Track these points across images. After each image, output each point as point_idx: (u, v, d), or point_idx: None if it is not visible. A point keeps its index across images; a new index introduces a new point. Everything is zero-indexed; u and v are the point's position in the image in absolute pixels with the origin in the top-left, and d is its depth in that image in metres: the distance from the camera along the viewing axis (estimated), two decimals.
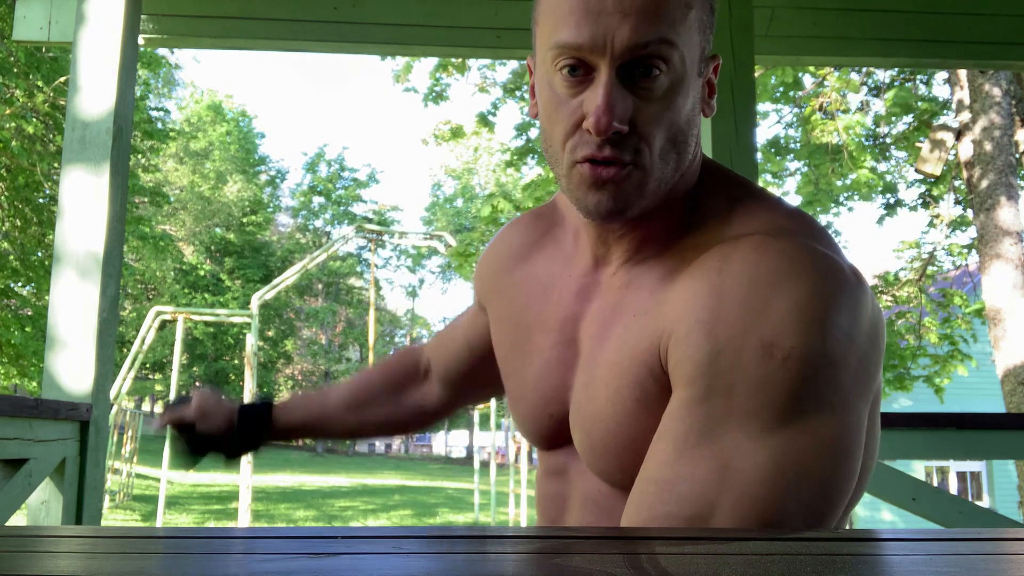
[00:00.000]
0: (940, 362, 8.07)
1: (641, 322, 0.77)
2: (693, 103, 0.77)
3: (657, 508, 0.69)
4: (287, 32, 2.77)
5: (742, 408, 0.68)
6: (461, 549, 0.55)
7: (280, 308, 29.88)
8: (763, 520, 0.65)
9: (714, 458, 0.67)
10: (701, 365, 0.69)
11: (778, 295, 0.69)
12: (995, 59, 3.02)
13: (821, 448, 0.67)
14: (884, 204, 8.87)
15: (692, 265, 0.76)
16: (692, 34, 0.74)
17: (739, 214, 0.79)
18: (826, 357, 0.68)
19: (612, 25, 0.70)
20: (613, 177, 0.74)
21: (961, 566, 0.47)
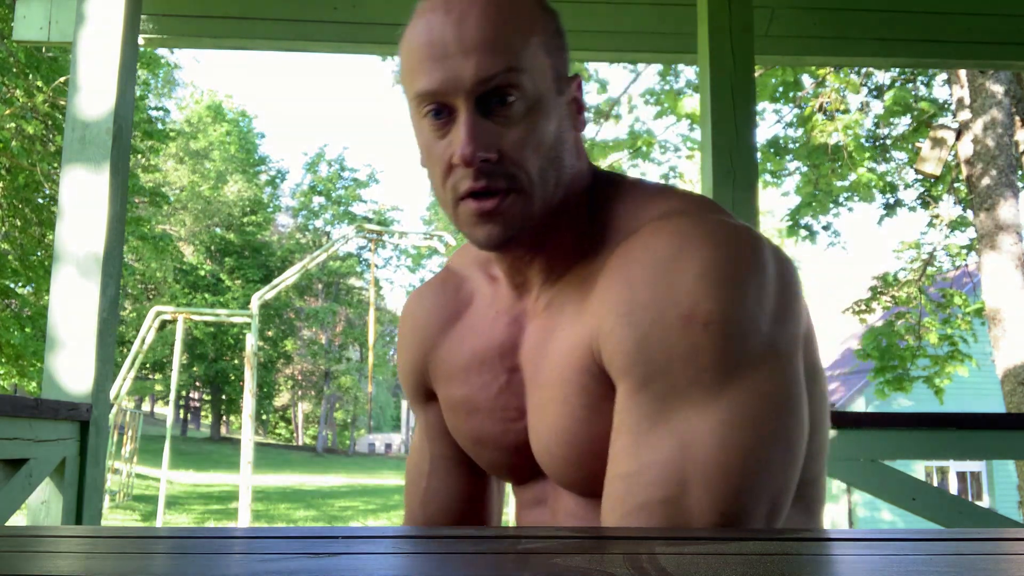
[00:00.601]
0: (940, 363, 8.06)
1: (571, 333, 0.80)
2: (558, 121, 0.81)
3: (630, 501, 0.71)
4: (287, 32, 2.77)
5: (682, 382, 0.70)
6: (461, 549, 0.55)
7: (280, 308, 29.88)
8: (734, 482, 0.68)
9: (671, 437, 0.70)
10: (631, 354, 0.72)
11: (682, 268, 0.72)
12: (995, 59, 3.02)
13: (767, 400, 0.70)
14: (884, 204, 8.87)
15: (606, 268, 0.78)
16: (538, 58, 0.79)
17: (633, 211, 0.82)
18: (744, 313, 0.71)
19: (459, 65, 0.75)
20: (496, 207, 0.77)
21: (961, 566, 0.47)
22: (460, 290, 0.96)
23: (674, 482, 0.69)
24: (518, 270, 0.87)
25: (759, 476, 0.69)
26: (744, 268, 0.72)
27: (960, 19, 2.85)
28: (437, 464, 1.02)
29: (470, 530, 0.76)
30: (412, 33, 0.80)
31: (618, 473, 0.72)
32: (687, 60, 3.83)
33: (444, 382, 0.95)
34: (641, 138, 8.49)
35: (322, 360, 35.16)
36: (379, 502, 16.49)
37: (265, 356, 29.56)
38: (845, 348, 14.23)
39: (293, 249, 32.66)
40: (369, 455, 39.92)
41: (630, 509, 0.70)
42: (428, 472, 1.02)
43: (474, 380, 0.90)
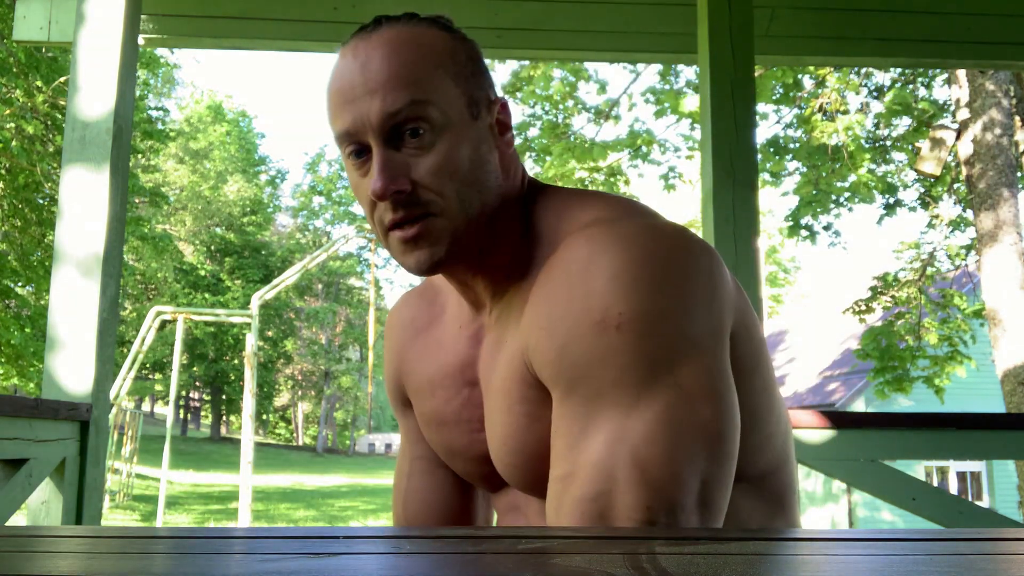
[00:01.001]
0: (939, 363, 8.06)
1: (511, 345, 0.83)
2: (475, 145, 0.83)
3: (565, 500, 0.73)
4: (287, 32, 2.77)
5: (604, 386, 0.72)
6: (461, 549, 0.55)
7: (280, 308, 29.87)
8: (659, 475, 0.70)
9: (599, 437, 0.72)
10: (555, 364, 0.75)
11: (594, 275, 0.74)
12: (995, 59, 3.02)
13: (687, 394, 0.72)
14: (884, 204, 8.87)
15: (535, 285, 0.81)
16: (446, 88, 0.82)
17: (557, 223, 0.85)
18: (657, 311, 0.72)
19: (365, 105, 0.80)
20: (418, 233, 0.81)
21: (961, 566, 0.47)
22: (434, 303, 1.00)
23: (603, 478, 0.71)
24: (466, 289, 0.90)
25: (683, 469, 0.70)
26: (656, 268, 0.74)
27: (960, 19, 2.85)
28: (416, 466, 1.05)
29: (470, 530, 0.76)
30: (329, 81, 0.84)
31: (555, 476, 0.75)
32: (687, 60, 3.82)
33: (415, 395, 0.99)
34: (641, 138, 8.49)
35: (322, 360, 35.16)
36: (379, 502, 16.49)
37: (265, 356, 29.56)
38: (845, 348, 14.23)
39: (293, 249, 32.66)
40: (369, 455, 39.93)
41: (565, 507, 0.73)
42: (408, 473, 1.05)
43: (439, 394, 0.94)
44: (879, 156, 8.61)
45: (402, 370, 1.01)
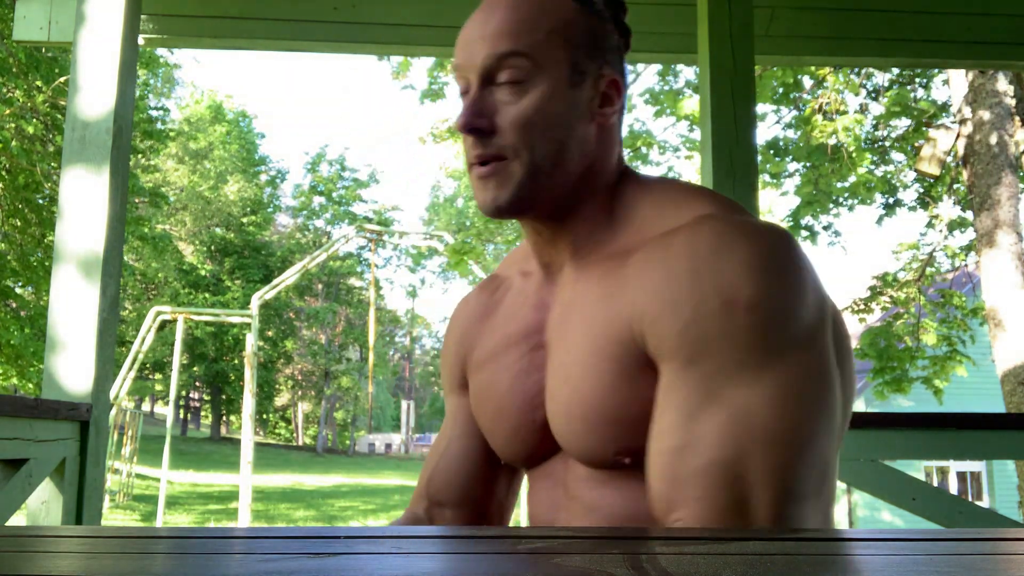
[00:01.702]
0: (938, 363, 8.05)
1: (603, 307, 0.86)
2: (567, 111, 0.89)
3: (684, 468, 0.75)
4: (287, 32, 2.77)
5: (729, 362, 0.76)
6: (461, 549, 0.55)
7: (280, 308, 29.87)
8: (789, 451, 0.74)
9: (723, 411, 0.75)
10: (678, 337, 0.78)
11: (723, 260, 0.79)
12: (995, 59, 3.02)
13: (809, 378, 0.77)
14: (883, 204, 8.86)
15: (639, 256, 0.85)
16: (554, 50, 0.88)
17: (670, 208, 0.89)
18: (783, 300, 0.78)
19: (476, 47, 0.88)
20: (490, 173, 0.87)
21: (961, 566, 0.47)
22: (497, 290, 1.05)
23: (731, 447, 0.74)
24: (544, 251, 0.95)
25: (810, 446, 0.75)
26: (779, 261, 0.79)
27: (960, 19, 2.85)
28: (454, 444, 1.06)
29: (470, 530, 0.76)
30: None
31: (668, 447, 0.77)
32: (687, 60, 3.83)
33: (476, 369, 1.01)
34: (641, 138, 8.49)
35: (322, 360, 35.15)
36: (379, 502, 16.49)
37: (265, 356, 29.54)
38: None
39: (293, 249, 32.64)
40: (369, 455, 39.92)
41: (684, 475, 0.75)
42: (443, 450, 1.07)
43: (501, 360, 0.97)
44: (879, 156, 8.60)
45: (466, 348, 1.05)
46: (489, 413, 0.98)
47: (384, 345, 36.49)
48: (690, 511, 0.74)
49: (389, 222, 34.54)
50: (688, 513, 0.75)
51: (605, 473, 0.87)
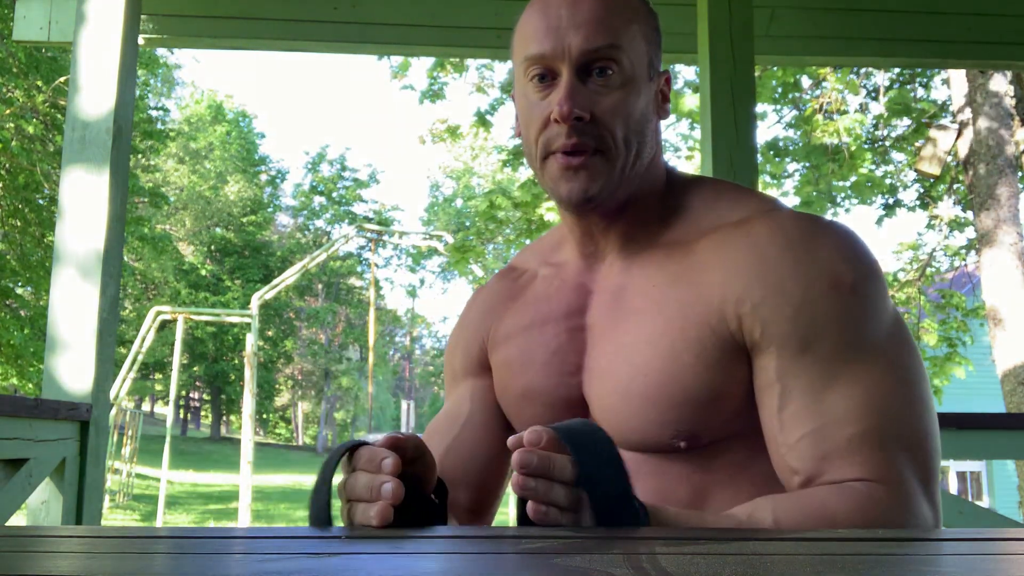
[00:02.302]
0: (938, 364, 8.05)
1: (676, 290, 0.86)
2: (646, 103, 0.90)
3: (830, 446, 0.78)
4: (287, 32, 2.77)
5: (843, 343, 0.79)
6: (461, 549, 0.55)
7: (280, 308, 29.86)
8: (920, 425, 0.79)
9: (854, 387, 0.78)
10: (788, 322, 0.80)
11: (816, 246, 0.82)
12: (995, 59, 3.02)
13: (911, 352, 0.82)
14: (883, 205, 8.86)
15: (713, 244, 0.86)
16: (638, 43, 0.89)
17: (726, 202, 0.91)
18: (876, 283, 0.82)
19: (568, 36, 0.86)
20: (582, 163, 0.86)
21: (961, 566, 0.47)
22: (520, 278, 1.04)
23: (875, 416, 0.77)
24: (591, 238, 0.94)
25: (933, 413, 0.81)
26: (863, 250, 0.84)
27: (960, 19, 2.85)
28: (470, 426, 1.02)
29: (470, 530, 0.75)
30: (531, 9, 0.91)
31: (807, 431, 0.79)
32: (687, 60, 3.82)
33: (502, 345, 1.00)
34: None
35: (322, 360, 35.13)
36: None
37: (265, 356, 29.53)
38: None
39: (293, 249, 32.63)
40: None
41: (838, 450, 0.77)
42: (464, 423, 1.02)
43: (535, 336, 0.96)
44: (879, 156, 8.60)
45: (487, 326, 1.02)
46: (519, 389, 0.97)
47: (384, 345, 36.49)
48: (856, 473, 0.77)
49: (389, 222, 34.53)
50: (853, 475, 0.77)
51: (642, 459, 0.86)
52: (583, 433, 0.70)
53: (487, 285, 1.08)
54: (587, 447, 0.69)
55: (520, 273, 1.05)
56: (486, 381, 1.03)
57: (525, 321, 0.98)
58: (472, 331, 1.05)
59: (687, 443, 0.83)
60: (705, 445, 0.83)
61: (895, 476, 0.76)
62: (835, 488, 0.77)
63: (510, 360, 0.98)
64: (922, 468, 0.78)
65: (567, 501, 0.68)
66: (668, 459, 0.85)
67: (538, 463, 0.67)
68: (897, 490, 0.76)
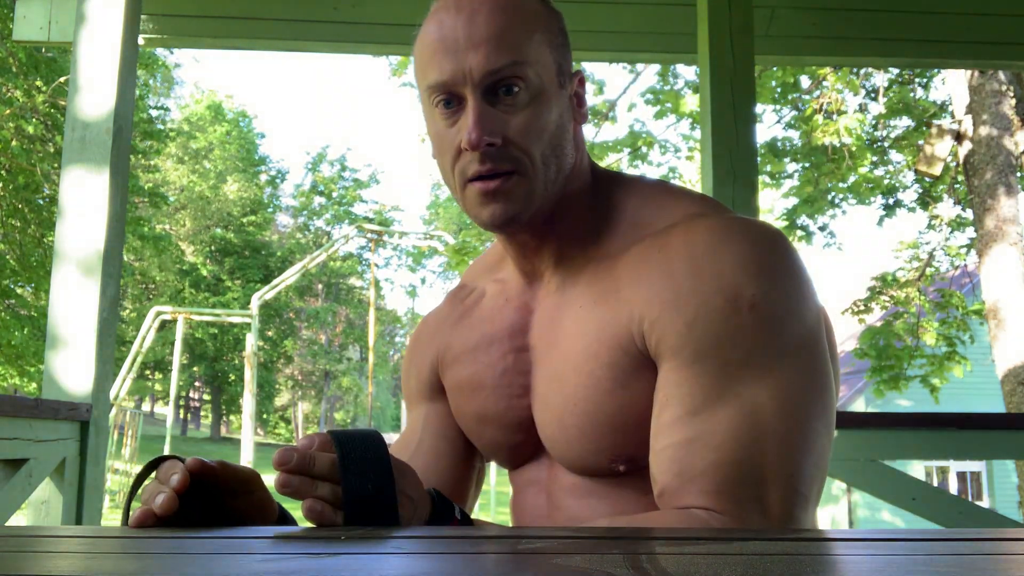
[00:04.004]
0: (936, 363, 8.05)
1: (596, 311, 0.84)
2: (559, 113, 0.86)
3: (694, 463, 0.75)
4: (287, 32, 2.77)
5: (733, 360, 0.76)
6: (461, 549, 0.55)
7: (280, 308, 29.84)
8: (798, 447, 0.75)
9: (733, 408, 0.75)
10: (681, 336, 0.77)
11: (722, 258, 0.78)
12: (995, 59, 3.02)
13: (812, 376, 0.78)
14: (883, 205, 8.86)
15: (632, 257, 0.84)
16: (542, 53, 0.85)
17: (652, 208, 0.88)
18: (784, 300, 0.78)
19: (467, 58, 0.82)
20: (499, 187, 0.83)
21: (961, 566, 0.47)
22: (467, 298, 1.02)
23: (744, 445, 0.74)
24: (527, 257, 0.92)
25: (815, 447, 0.76)
26: (777, 260, 0.80)
27: (960, 19, 2.85)
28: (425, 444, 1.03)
29: (470, 530, 0.75)
30: (426, 30, 0.87)
31: (675, 441, 0.76)
32: (687, 60, 3.83)
33: (452, 366, 0.99)
34: (641, 138, 8.48)
35: (322, 360, 35.12)
36: None
37: (265, 356, 29.52)
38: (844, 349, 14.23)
39: (293, 249, 32.62)
40: None
41: (700, 469, 0.75)
42: (416, 446, 1.03)
43: (481, 359, 0.95)
44: (878, 156, 8.60)
45: (437, 348, 1.02)
46: (473, 413, 0.96)
47: (384, 345, 36.48)
48: (702, 501, 0.74)
49: (389, 222, 34.54)
50: (700, 502, 0.74)
51: (592, 483, 0.86)
52: (354, 436, 0.71)
53: (437, 307, 1.07)
54: (355, 448, 0.70)
55: (468, 292, 1.03)
56: (440, 405, 1.03)
57: (472, 342, 0.96)
58: (423, 353, 1.04)
59: (626, 465, 0.83)
60: (645, 466, 0.81)
61: (740, 511, 0.74)
62: (677, 514, 0.75)
63: (461, 383, 0.97)
64: (779, 505, 0.74)
65: (330, 497, 0.68)
66: (615, 482, 0.84)
67: (297, 461, 0.68)
68: (735, 523, 0.74)
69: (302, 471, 0.68)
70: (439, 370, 1.02)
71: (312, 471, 0.68)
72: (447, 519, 0.80)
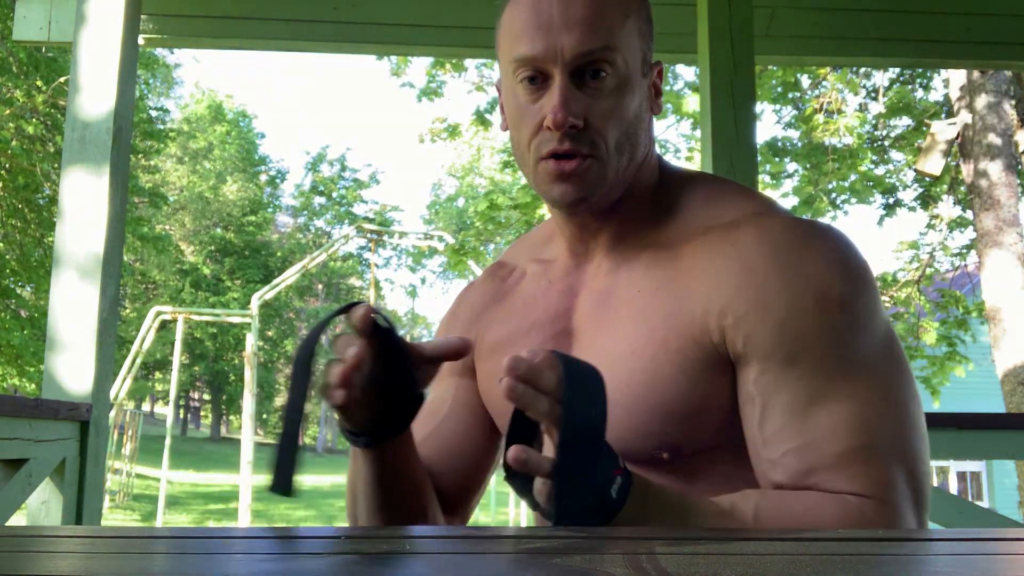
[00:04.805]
0: (937, 363, 8.05)
1: (660, 298, 0.84)
2: (640, 102, 0.87)
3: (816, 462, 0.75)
4: (287, 32, 2.77)
5: (830, 359, 0.77)
6: (461, 549, 0.55)
7: (280, 308, 29.86)
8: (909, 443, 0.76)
9: (840, 404, 0.76)
10: (773, 336, 0.78)
11: (806, 256, 0.79)
12: (995, 59, 3.02)
13: (901, 365, 0.80)
14: (884, 205, 8.86)
15: (699, 249, 0.83)
16: (632, 40, 0.86)
17: (715, 202, 0.88)
18: (867, 296, 0.79)
19: (561, 37, 0.81)
20: (575, 169, 0.83)
21: (961, 566, 0.47)
22: (508, 277, 1.01)
23: (862, 433, 0.75)
24: (581, 239, 0.92)
25: (922, 432, 0.78)
26: (858, 260, 0.81)
27: (960, 19, 2.85)
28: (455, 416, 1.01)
29: (470, 530, 0.76)
30: (516, 3, 0.86)
31: (788, 448, 0.76)
32: (687, 60, 3.83)
33: (489, 355, 0.98)
34: None
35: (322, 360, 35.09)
36: None
37: (265, 356, 29.53)
38: None
39: (293, 249, 32.63)
40: None
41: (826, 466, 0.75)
42: (444, 416, 1.01)
43: (521, 343, 0.93)
44: (878, 156, 8.60)
45: (476, 333, 1.00)
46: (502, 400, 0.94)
47: None
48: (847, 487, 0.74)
49: (389, 222, 34.53)
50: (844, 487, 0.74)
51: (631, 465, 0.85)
52: (578, 363, 0.71)
53: (476, 283, 1.06)
54: (577, 376, 0.70)
55: (509, 271, 1.02)
56: (470, 382, 1.02)
57: (511, 328, 0.95)
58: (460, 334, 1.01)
59: (669, 454, 0.82)
60: (688, 456, 0.82)
61: (887, 493, 0.74)
62: (825, 496, 0.75)
63: (496, 372, 0.95)
64: (913, 488, 0.75)
65: (547, 410, 0.68)
66: (651, 469, 0.83)
67: (526, 369, 0.68)
68: (888, 508, 0.74)
69: (528, 380, 0.68)
70: (474, 356, 1.00)
71: (539, 383, 0.68)
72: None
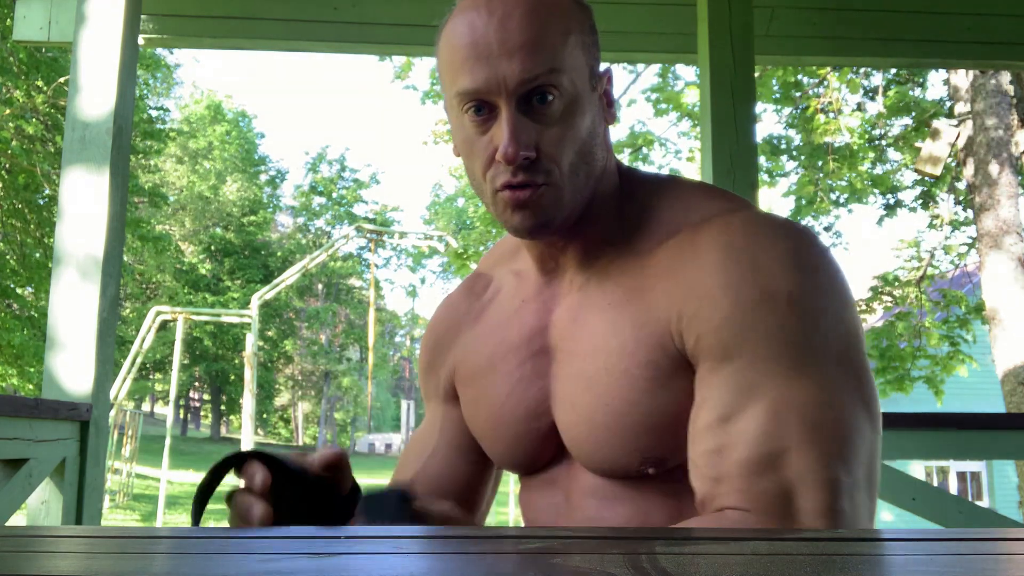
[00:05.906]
0: (940, 363, 8.05)
1: (629, 310, 0.82)
2: (592, 117, 0.84)
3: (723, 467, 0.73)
4: (287, 32, 2.77)
5: (765, 356, 0.74)
6: (461, 549, 0.55)
7: (280, 308, 29.87)
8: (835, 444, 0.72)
9: (761, 407, 0.73)
10: (716, 332, 0.75)
11: (759, 252, 0.76)
12: (995, 59, 3.02)
13: (851, 370, 0.75)
14: (884, 205, 8.86)
15: (665, 255, 0.82)
16: (576, 57, 0.82)
17: (682, 206, 0.86)
18: (823, 292, 0.76)
19: (502, 65, 0.78)
20: (530, 198, 0.80)
21: (961, 566, 0.47)
22: (484, 292, 1.00)
23: (770, 442, 0.71)
24: (550, 256, 0.90)
25: (855, 440, 0.72)
26: (816, 256, 0.78)
27: (960, 19, 2.85)
28: (439, 454, 1.01)
29: (470, 530, 0.76)
30: (454, 31, 0.82)
31: (708, 449, 0.75)
32: (687, 60, 3.83)
33: (469, 378, 0.96)
34: (641, 138, 8.49)
35: (322, 360, 35.14)
36: None
37: (265, 356, 29.54)
38: None
39: (293, 249, 32.64)
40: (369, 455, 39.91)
41: (727, 472, 0.73)
42: (431, 454, 1.01)
43: (501, 368, 0.92)
44: (878, 155, 8.60)
45: (455, 357, 0.99)
46: (486, 421, 0.94)
47: (384, 345, 36.51)
48: (733, 501, 0.72)
49: (389, 222, 34.53)
50: (731, 503, 0.72)
51: (614, 484, 0.84)
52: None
53: (453, 299, 1.04)
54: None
55: (485, 284, 1.00)
56: (454, 410, 1.01)
57: (487, 353, 0.94)
58: (439, 359, 1.02)
59: (655, 468, 0.81)
60: (674, 468, 0.80)
61: (769, 507, 0.71)
62: (709, 518, 0.73)
63: (477, 398, 0.95)
64: (813, 502, 0.70)
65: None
66: (641, 485, 0.83)
67: None
68: (766, 522, 0.70)
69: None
70: (454, 380, 1.00)
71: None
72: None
